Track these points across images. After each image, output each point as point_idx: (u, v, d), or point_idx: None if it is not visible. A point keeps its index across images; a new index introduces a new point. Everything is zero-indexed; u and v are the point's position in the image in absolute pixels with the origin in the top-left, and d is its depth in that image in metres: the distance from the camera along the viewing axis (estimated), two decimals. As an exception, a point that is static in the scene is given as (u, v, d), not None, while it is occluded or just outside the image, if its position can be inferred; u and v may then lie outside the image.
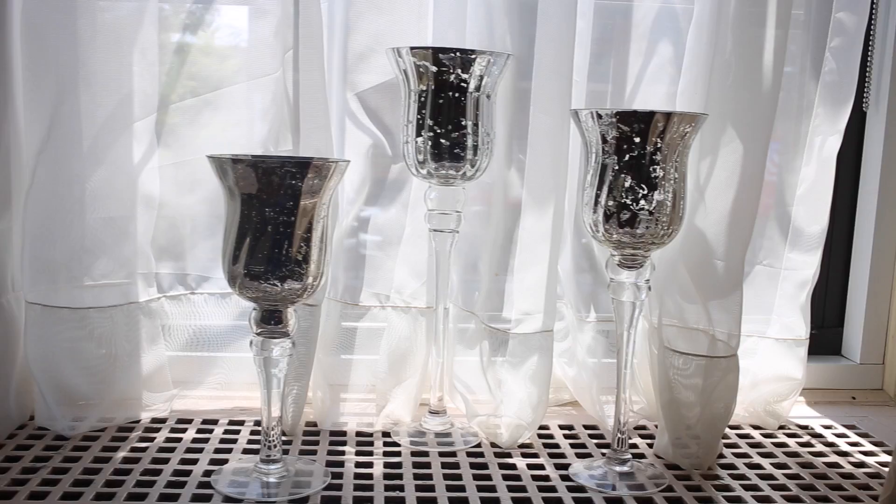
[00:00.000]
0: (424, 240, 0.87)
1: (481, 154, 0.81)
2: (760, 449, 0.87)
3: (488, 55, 0.79)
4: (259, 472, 0.75)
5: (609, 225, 0.74)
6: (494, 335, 0.86)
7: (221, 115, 0.89)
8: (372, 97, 0.86)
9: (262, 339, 0.73)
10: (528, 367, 0.85)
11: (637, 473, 0.79)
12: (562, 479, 0.79)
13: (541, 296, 0.84)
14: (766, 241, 0.92)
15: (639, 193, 0.73)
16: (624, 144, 0.72)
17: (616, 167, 0.73)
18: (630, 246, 0.75)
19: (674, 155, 0.73)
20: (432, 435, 0.86)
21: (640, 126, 0.72)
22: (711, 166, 0.82)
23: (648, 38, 0.90)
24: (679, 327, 0.83)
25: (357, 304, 0.89)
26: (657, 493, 0.76)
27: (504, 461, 0.82)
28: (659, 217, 0.73)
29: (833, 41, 0.90)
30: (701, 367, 0.81)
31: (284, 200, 0.69)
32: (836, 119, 0.90)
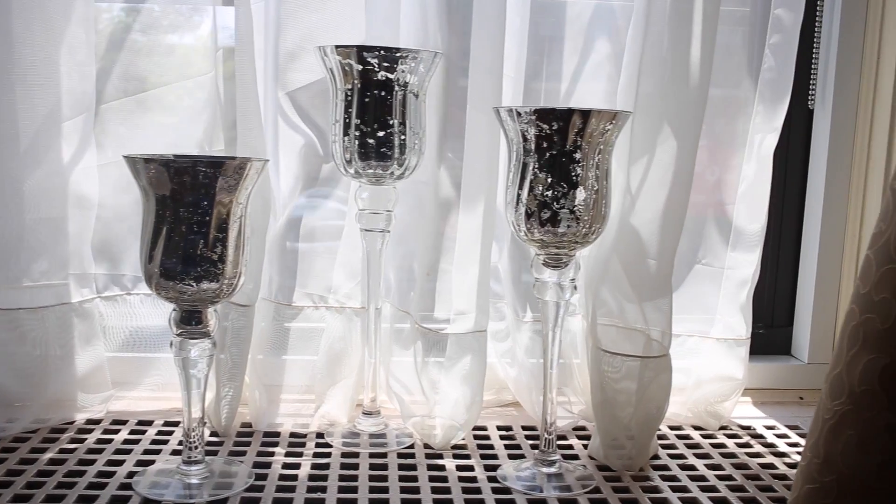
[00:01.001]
0: (359, 239, 0.87)
1: (410, 153, 0.81)
2: (697, 450, 0.87)
3: (414, 54, 0.78)
4: (181, 473, 0.75)
5: (530, 224, 0.73)
6: (427, 335, 0.85)
7: (158, 115, 0.89)
8: (303, 96, 0.86)
9: (180, 339, 0.73)
10: (461, 367, 0.85)
11: (566, 475, 0.79)
12: (489, 480, 0.78)
13: (472, 295, 0.84)
14: (705, 241, 0.92)
15: (559, 192, 0.72)
16: (544, 143, 0.72)
17: (536, 165, 0.72)
18: (553, 245, 0.74)
19: (595, 153, 0.72)
20: (366, 436, 0.86)
21: (559, 124, 0.71)
22: (648, 165, 0.82)
23: (585, 36, 0.89)
24: (619, 327, 0.82)
25: (290, 304, 0.88)
26: (583, 494, 0.76)
27: (434, 462, 0.81)
28: (580, 216, 0.73)
29: (772, 38, 0.89)
30: (633, 367, 0.81)
31: (198, 200, 0.69)
32: (774, 116, 0.89)
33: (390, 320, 0.90)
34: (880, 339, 0.57)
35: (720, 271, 0.92)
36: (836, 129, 0.98)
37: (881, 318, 0.57)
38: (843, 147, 0.98)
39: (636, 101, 0.81)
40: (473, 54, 0.83)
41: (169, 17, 0.88)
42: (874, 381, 0.57)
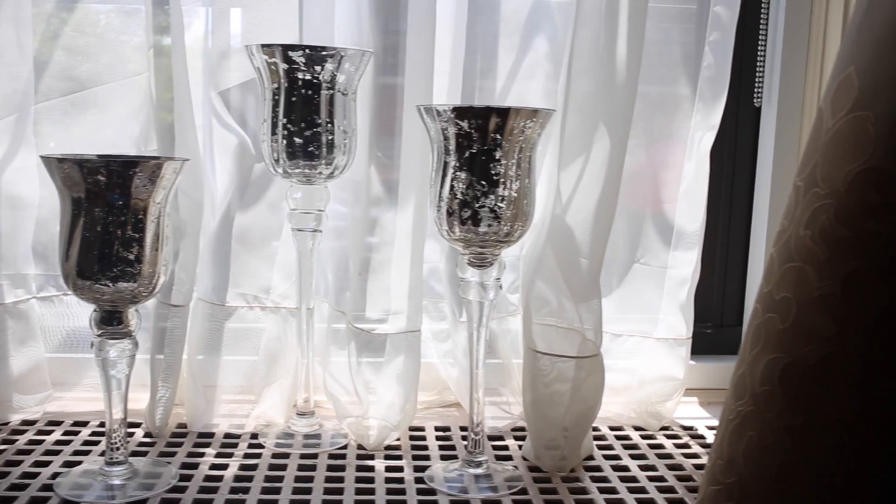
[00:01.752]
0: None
1: (339, 152, 0.80)
2: (634, 451, 0.86)
3: (341, 52, 0.78)
4: (103, 474, 0.75)
5: (451, 223, 0.73)
6: (360, 336, 0.85)
7: (95, 115, 0.89)
8: (235, 96, 0.86)
9: (100, 339, 0.72)
10: (394, 367, 0.84)
11: (494, 476, 0.78)
12: (416, 481, 0.78)
13: (403, 295, 0.83)
14: (644, 240, 0.91)
15: (479, 191, 0.72)
16: (463, 141, 0.71)
17: (456, 164, 0.72)
18: (476, 244, 0.74)
19: (516, 151, 0.72)
20: (300, 437, 0.86)
21: (478, 122, 0.70)
22: (585, 163, 0.81)
23: (522, 33, 0.88)
24: (555, 327, 0.81)
25: (224, 304, 0.88)
26: (508, 495, 0.75)
27: (363, 463, 0.81)
28: (501, 215, 0.72)
29: (711, 35, 0.88)
30: (565, 367, 0.80)
31: (113, 200, 0.69)
32: (712, 114, 0.88)
33: (328, 320, 0.89)
34: (781, 339, 0.56)
35: (659, 270, 0.91)
36: (782, 127, 0.97)
37: (781, 318, 0.56)
38: (789, 144, 0.97)
39: (572, 100, 0.80)
40: (409, 52, 0.82)
41: (104, 17, 0.88)
42: (774, 380, 0.56)
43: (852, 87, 0.55)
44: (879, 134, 0.53)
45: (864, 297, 0.54)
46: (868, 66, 0.54)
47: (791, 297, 0.56)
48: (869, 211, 0.53)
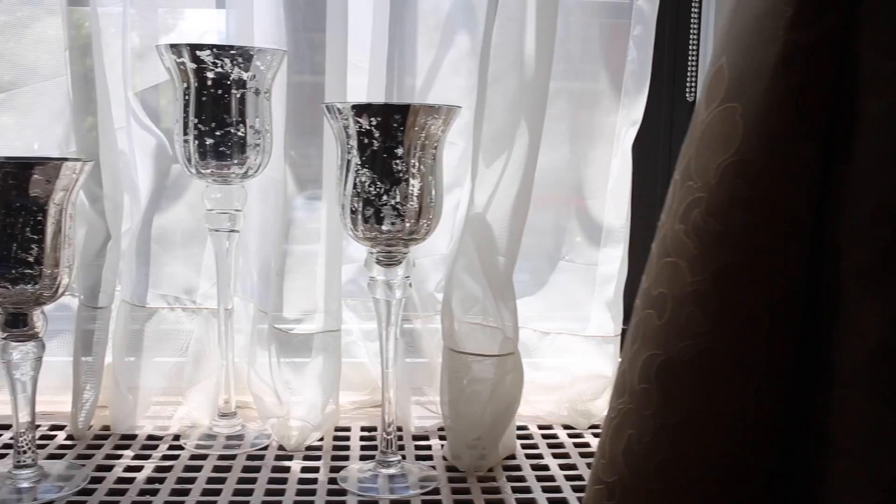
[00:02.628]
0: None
1: (252, 152, 0.80)
2: (558, 449, 0.85)
3: (250, 51, 0.78)
4: (11, 477, 0.74)
5: (355, 221, 0.72)
6: (279, 336, 0.84)
7: (15, 117, 0.88)
8: (151, 96, 0.85)
9: (4, 342, 0.72)
10: (314, 368, 0.84)
11: (408, 476, 0.78)
12: (330, 482, 0.77)
13: (320, 295, 0.83)
14: (569, 237, 0.90)
15: (381, 189, 0.71)
16: (364, 139, 0.71)
17: (358, 162, 0.71)
18: (383, 243, 0.73)
19: (418, 148, 0.71)
20: (223, 438, 0.85)
21: (378, 119, 0.70)
22: (507, 161, 0.80)
23: (443, 30, 0.88)
24: (474, 324, 0.81)
25: (144, 305, 0.87)
26: (419, 495, 0.75)
27: (280, 464, 0.80)
28: (404, 213, 0.72)
29: (635, 29, 0.88)
30: (483, 366, 0.80)
31: (11, 202, 0.68)
32: (634, 109, 0.88)
33: (253, 320, 0.89)
34: (657, 335, 0.55)
35: (585, 268, 0.90)
36: (715, 121, 0.96)
37: (658, 314, 0.55)
38: (722, 139, 0.96)
39: (490, 97, 0.80)
40: (328, 50, 0.82)
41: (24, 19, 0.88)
42: (651, 378, 0.55)
43: (723, 78, 0.54)
44: (747, 125, 0.52)
45: (736, 291, 0.53)
46: (737, 58, 0.53)
47: (667, 292, 0.55)
48: (738, 204, 0.52)
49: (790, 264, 0.53)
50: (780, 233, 0.52)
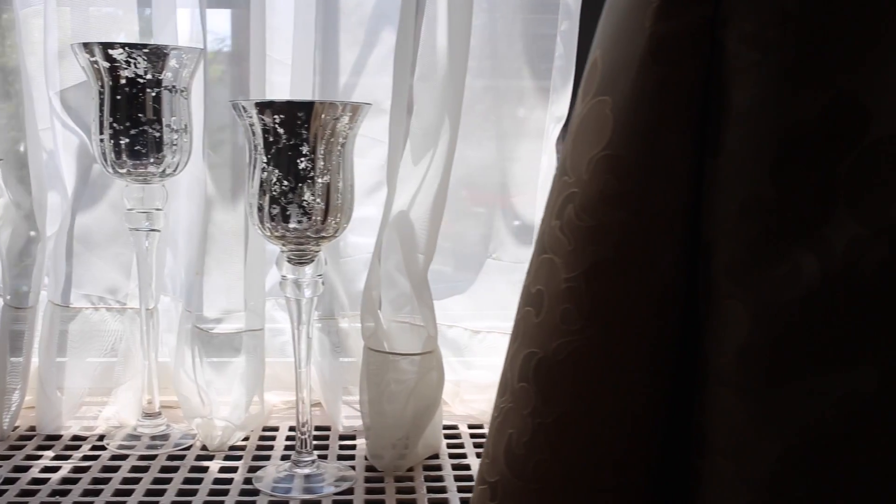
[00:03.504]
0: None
1: (168, 151, 0.79)
2: (483, 449, 0.84)
3: (163, 49, 0.77)
4: (-77, 478, 0.74)
5: (262, 219, 0.72)
6: (201, 335, 0.84)
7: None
8: (72, 96, 0.85)
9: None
10: (236, 368, 0.84)
11: (323, 475, 0.77)
12: (245, 482, 0.77)
13: (239, 294, 0.82)
14: (496, 234, 0.89)
15: (286, 187, 0.70)
16: (269, 136, 0.70)
17: (264, 160, 0.71)
18: (292, 241, 0.73)
19: (324, 146, 0.71)
20: (147, 438, 0.85)
21: (282, 117, 0.69)
22: (432, 158, 0.80)
23: (367, 26, 0.87)
24: (410, 324, 0.80)
25: (68, 305, 0.87)
26: (331, 495, 0.74)
27: (200, 464, 0.80)
28: (311, 210, 0.71)
29: (562, 25, 0.87)
30: (403, 364, 0.79)
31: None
32: (560, 106, 0.87)
33: (181, 320, 0.88)
34: (535, 333, 0.55)
35: (512, 265, 0.89)
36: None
37: (536, 311, 0.55)
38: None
39: (417, 95, 0.79)
40: (251, 47, 0.82)
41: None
42: (529, 376, 0.55)
43: (596, 71, 0.53)
44: (617, 119, 0.51)
45: (608, 288, 0.52)
46: (608, 50, 0.53)
47: (543, 289, 0.54)
48: (609, 199, 0.51)
49: (663, 261, 0.52)
50: (652, 229, 0.51)
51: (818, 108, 0.48)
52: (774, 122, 0.48)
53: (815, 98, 0.48)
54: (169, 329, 0.90)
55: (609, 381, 0.53)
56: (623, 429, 0.54)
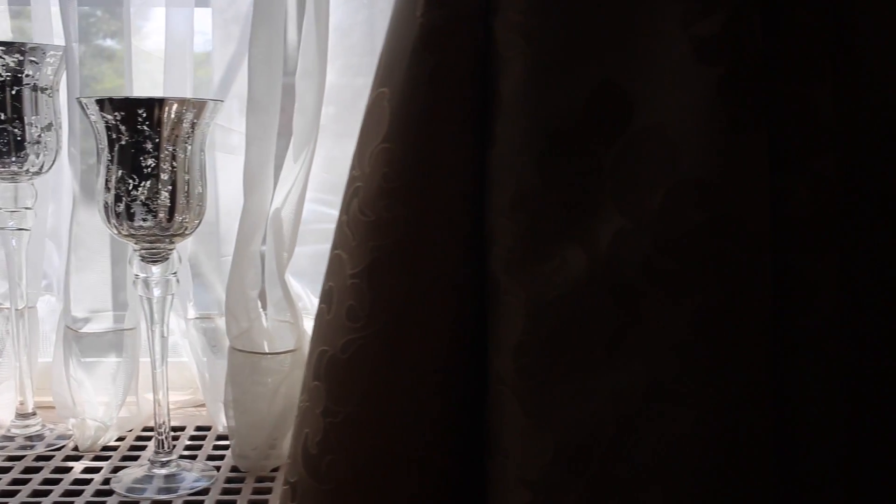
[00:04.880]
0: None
1: (32, 150, 0.79)
2: (356, 449, 0.83)
3: (20, 47, 0.77)
4: None
5: (109, 217, 0.71)
6: (71, 335, 0.83)
7: None
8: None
9: None
10: (106, 367, 0.83)
11: (182, 475, 0.76)
12: (104, 482, 0.76)
13: (106, 293, 0.82)
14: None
15: (130, 184, 0.70)
16: (113, 133, 0.69)
17: (109, 157, 0.70)
18: (144, 240, 0.72)
19: (171, 143, 0.70)
20: (21, 438, 0.84)
21: (123, 114, 0.68)
22: (306, 156, 0.80)
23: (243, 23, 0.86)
24: (284, 322, 0.80)
25: (-56, 306, 0.87)
26: (185, 496, 0.73)
27: (64, 465, 0.79)
28: (156, 210, 0.70)
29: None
30: (271, 363, 0.78)
31: None
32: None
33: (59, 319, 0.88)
34: (326, 330, 0.54)
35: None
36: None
37: (327, 308, 0.54)
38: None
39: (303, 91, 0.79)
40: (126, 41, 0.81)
41: None
42: (322, 375, 0.54)
43: (381, 61, 0.52)
44: (392, 111, 0.50)
45: (388, 284, 0.51)
46: (388, 40, 0.51)
47: (333, 286, 0.53)
48: (386, 193, 0.50)
49: (447, 256, 0.51)
50: (431, 222, 0.50)
51: (583, 98, 0.47)
52: (539, 113, 0.47)
53: (580, 88, 0.47)
54: (54, 328, 0.89)
55: (397, 379, 0.52)
56: (415, 429, 0.53)
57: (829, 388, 0.47)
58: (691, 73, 0.44)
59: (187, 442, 0.85)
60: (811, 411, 0.47)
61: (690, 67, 0.44)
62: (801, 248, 0.46)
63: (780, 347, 0.47)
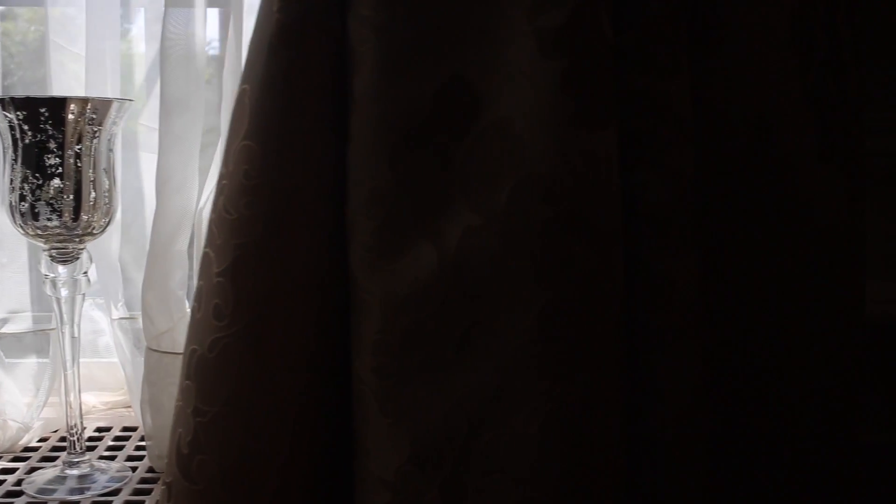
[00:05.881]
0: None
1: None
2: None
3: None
4: None
5: (14, 217, 0.71)
6: (-9, 335, 0.83)
7: None
8: None
9: None
10: (27, 368, 0.83)
11: (95, 477, 0.76)
12: (17, 483, 0.76)
13: (25, 294, 0.82)
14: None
15: (34, 184, 0.70)
16: (15, 133, 0.69)
17: (13, 156, 0.70)
18: (52, 239, 0.72)
19: (73, 143, 0.70)
20: (-57, 440, 0.84)
21: (24, 113, 0.68)
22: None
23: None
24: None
25: None
26: (94, 497, 0.73)
27: (-20, 466, 0.80)
28: (61, 209, 0.70)
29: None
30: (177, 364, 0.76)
31: None
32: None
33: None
34: (196, 329, 0.53)
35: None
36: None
37: (197, 306, 0.53)
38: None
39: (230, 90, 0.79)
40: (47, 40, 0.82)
41: None
42: (192, 373, 0.53)
43: (247, 58, 0.52)
44: (252, 108, 0.49)
45: (249, 283, 0.50)
46: (252, 37, 0.51)
47: (203, 284, 0.53)
48: (246, 191, 0.50)
49: (305, 254, 0.50)
50: (289, 221, 0.50)
51: (432, 94, 0.46)
52: (390, 109, 0.47)
53: (429, 83, 0.46)
54: (-14, 330, 0.90)
55: (261, 378, 0.51)
56: (279, 428, 0.52)
57: (689, 383, 0.46)
58: (537, 66, 0.44)
59: (110, 442, 0.85)
60: (669, 408, 0.46)
61: (536, 61, 0.44)
62: (658, 243, 0.46)
63: (637, 344, 0.46)
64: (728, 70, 0.48)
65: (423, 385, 0.47)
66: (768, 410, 0.54)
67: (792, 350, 0.54)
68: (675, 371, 0.46)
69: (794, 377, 0.54)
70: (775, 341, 0.53)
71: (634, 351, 0.46)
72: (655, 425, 0.46)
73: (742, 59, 0.48)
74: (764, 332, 0.52)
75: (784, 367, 0.54)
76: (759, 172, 0.50)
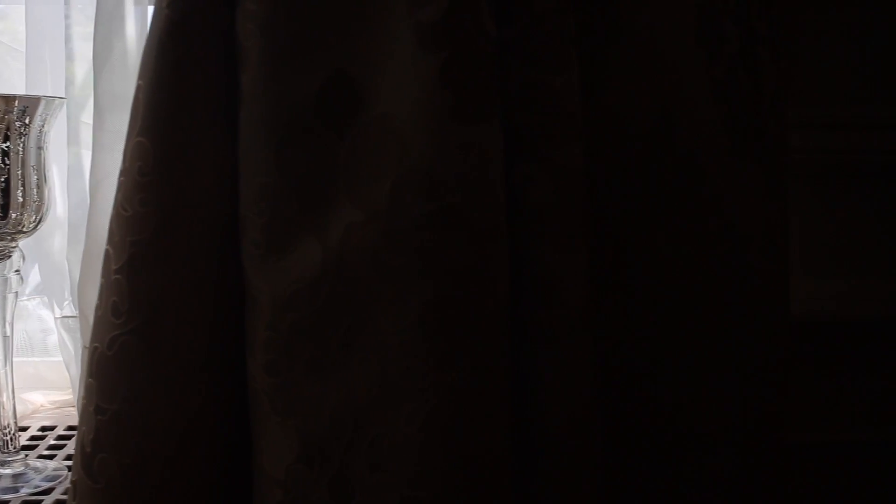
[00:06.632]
0: None
1: None
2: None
3: None
4: None
5: (-59, 216, 0.71)
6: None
7: None
8: None
9: None
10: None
11: (30, 475, 0.76)
12: (-50, 483, 0.76)
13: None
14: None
15: (-39, 181, 0.70)
16: (-57, 131, 0.69)
17: (-59, 155, 0.70)
18: (-16, 236, 0.72)
19: (1, 140, 0.69)
20: None
21: (-49, 111, 0.68)
22: None
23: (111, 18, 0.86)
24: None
25: None
26: (26, 497, 0.73)
27: (-80, 465, 0.79)
28: (-12, 206, 0.70)
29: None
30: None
31: None
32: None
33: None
34: (97, 326, 0.53)
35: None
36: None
37: (98, 304, 0.53)
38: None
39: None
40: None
41: None
42: (93, 371, 0.53)
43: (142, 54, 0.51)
44: (145, 104, 0.49)
45: (144, 280, 0.50)
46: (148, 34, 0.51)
47: (103, 282, 0.53)
48: (140, 187, 0.49)
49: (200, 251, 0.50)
50: (182, 217, 0.49)
51: (315, 89, 0.46)
52: (274, 104, 0.46)
53: (312, 78, 0.46)
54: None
55: (156, 376, 0.51)
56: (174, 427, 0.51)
57: (578, 381, 0.46)
58: (417, 60, 0.43)
59: (52, 441, 0.85)
60: (557, 407, 0.46)
61: (416, 55, 0.43)
62: (545, 239, 0.45)
63: (522, 341, 0.46)
64: (628, 63, 0.48)
65: (310, 383, 0.46)
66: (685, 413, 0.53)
67: (710, 350, 0.54)
68: (563, 370, 0.46)
69: (715, 378, 0.54)
70: (690, 341, 0.53)
71: (522, 348, 0.46)
72: (546, 425, 0.46)
73: (643, 52, 0.48)
74: (676, 332, 0.52)
75: (702, 368, 0.53)
76: (664, 167, 0.50)
